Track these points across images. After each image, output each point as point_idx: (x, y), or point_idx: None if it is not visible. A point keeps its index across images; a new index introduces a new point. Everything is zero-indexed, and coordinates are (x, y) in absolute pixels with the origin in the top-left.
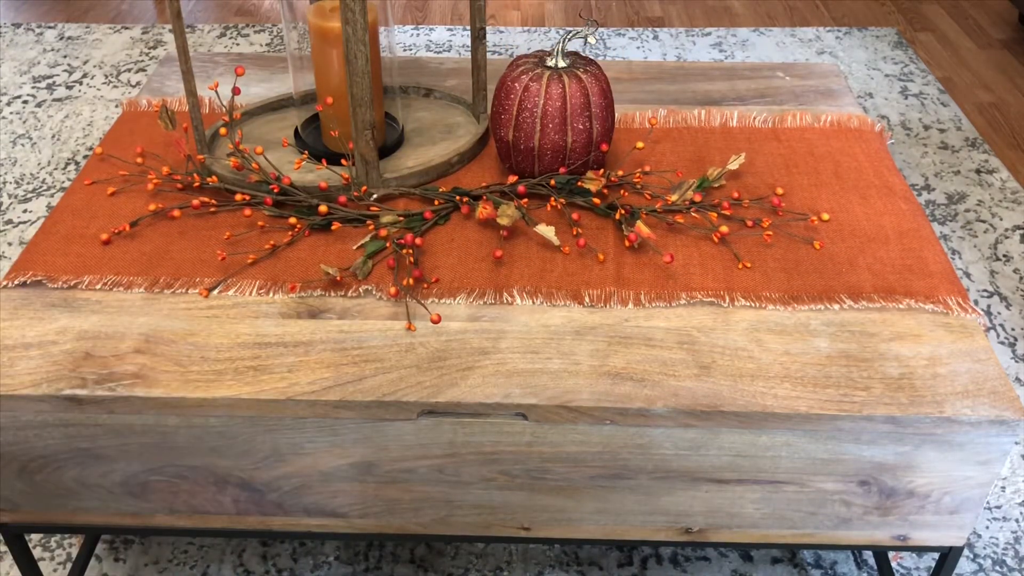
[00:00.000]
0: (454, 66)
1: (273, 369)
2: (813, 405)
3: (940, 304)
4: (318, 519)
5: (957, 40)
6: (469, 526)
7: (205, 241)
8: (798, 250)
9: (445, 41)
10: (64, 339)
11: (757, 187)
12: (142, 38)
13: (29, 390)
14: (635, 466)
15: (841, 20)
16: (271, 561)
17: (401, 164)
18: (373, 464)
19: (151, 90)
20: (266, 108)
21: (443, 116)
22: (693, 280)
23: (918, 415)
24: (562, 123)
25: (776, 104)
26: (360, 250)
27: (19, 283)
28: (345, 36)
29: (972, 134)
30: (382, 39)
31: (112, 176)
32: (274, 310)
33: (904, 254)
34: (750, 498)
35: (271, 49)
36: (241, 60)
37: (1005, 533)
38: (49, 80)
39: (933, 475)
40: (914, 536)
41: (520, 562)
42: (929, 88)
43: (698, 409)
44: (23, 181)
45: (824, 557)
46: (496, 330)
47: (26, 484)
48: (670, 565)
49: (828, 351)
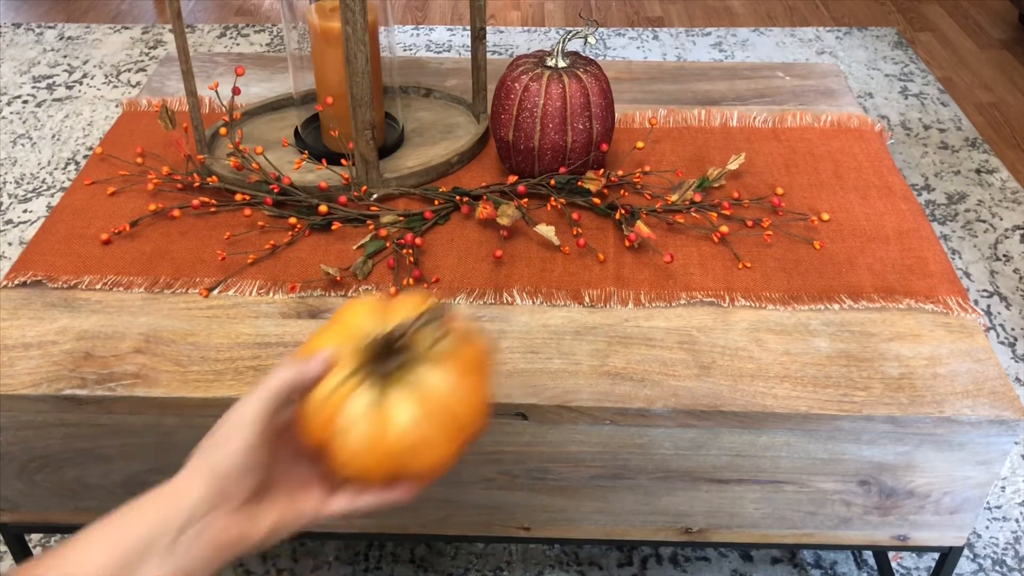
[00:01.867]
0: (454, 66)
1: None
2: (813, 405)
3: (940, 304)
4: None
5: (957, 40)
6: (469, 526)
7: (205, 241)
8: (798, 250)
9: (445, 41)
10: (64, 339)
11: (757, 187)
12: (142, 38)
13: (29, 390)
14: (635, 466)
15: (841, 20)
16: (271, 561)
17: (401, 164)
18: None
19: (151, 90)
20: (266, 108)
21: (443, 116)
22: (693, 280)
23: (918, 415)
24: (562, 123)
25: (776, 104)
26: (360, 250)
27: (19, 283)
28: (345, 36)
29: (972, 134)
30: (382, 39)
31: (112, 176)
32: (274, 310)
33: (904, 254)
34: (750, 498)
35: (271, 49)
36: (241, 60)
37: (1005, 533)
38: (49, 80)
39: (933, 475)
40: (914, 536)
41: (520, 562)
42: (929, 88)
43: (698, 409)
44: (23, 181)
45: (824, 557)
46: (496, 330)
47: (26, 484)
48: (670, 565)
49: (828, 351)
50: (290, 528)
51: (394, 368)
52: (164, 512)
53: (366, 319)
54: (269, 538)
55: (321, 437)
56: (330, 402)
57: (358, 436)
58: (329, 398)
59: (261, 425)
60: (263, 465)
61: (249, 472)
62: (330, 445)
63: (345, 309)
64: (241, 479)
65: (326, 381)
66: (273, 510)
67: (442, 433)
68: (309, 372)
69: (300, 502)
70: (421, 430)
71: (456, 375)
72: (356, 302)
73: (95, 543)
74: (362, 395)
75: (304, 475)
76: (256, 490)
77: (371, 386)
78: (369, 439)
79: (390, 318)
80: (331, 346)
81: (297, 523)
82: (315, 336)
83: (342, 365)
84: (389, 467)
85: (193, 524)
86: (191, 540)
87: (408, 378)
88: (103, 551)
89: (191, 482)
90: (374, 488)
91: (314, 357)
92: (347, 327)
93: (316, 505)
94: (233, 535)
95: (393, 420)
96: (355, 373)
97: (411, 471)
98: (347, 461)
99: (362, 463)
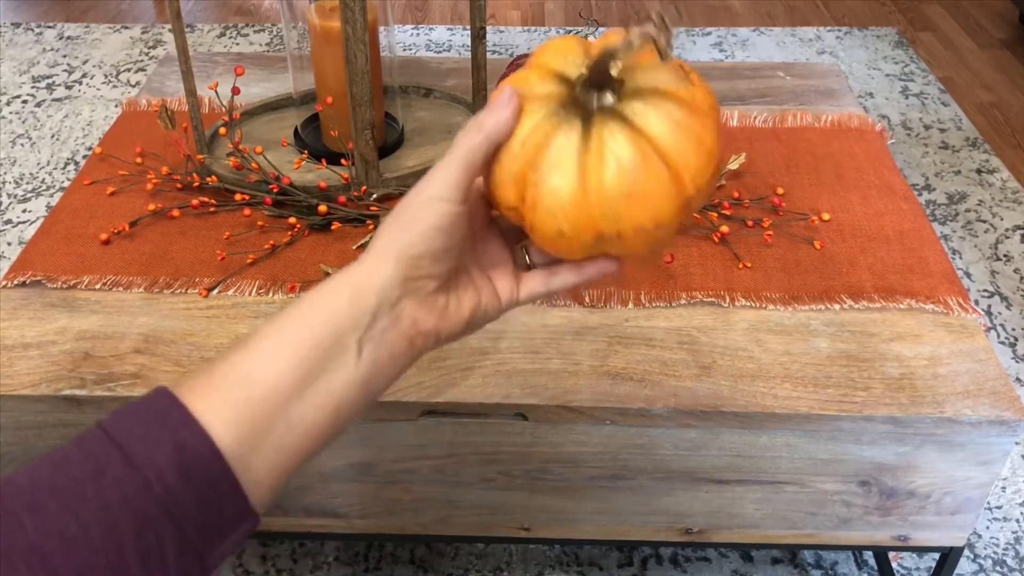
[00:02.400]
0: (454, 66)
1: None
2: (813, 405)
3: (940, 304)
4: (318, 519)
5: (958, 40)
6: (469, 526)
7: (204, 241)
8: (798, 250)
9: (445, 41)
10: (63, 339)
11: (757, 187)
12: (142, 38)
13: (29, 390)
14: (635, 466)
15: (841, 20)
16: (271, 562)
17: (401, 164)
18: (373, 464)
19: (151, 90)
20: (266, 108)
21: (443, 116)
22: (693, 280)
23: (918, 415)
24: None
25: (776, 104)
26: (360, 250)
27: (18, 283)
28: (345, 36)
29: (972, 134)
30: (382, 39)
31: (111, 176)
32: (274, 310)
33: (904, 254)
34: (750, 498)
35: (271, 49)
36: (241, 60)
37: (1005, 533)
38: (49, 80)
39: (933, 475)
40: (914, 536)
41: (520, 562)
42: (929, 88)
43: (698, 409)
44: (23, 181)
45: (824, 557)
46: (496, 330)
47: None
48: (670, 565)
49: (828, 351)
50: (489, 316)
51: (603, 105)
52: (352, 300)
53: (566, 58)
54: (467, 329)
55: (515, 195)
56: (525, 149)
57: (560, 183)
58: (524, 145)
59: (453, 203)
60: (457, 247)
61: (443, 255)
62: (526, 204)
63: (540, 51)
64: (434, 263)
65: (519, 128)
66: (468, 297)
67: (662, 184)
68: (500, 124)
69: (496, 284)
70: (639, 173)
71: (681, 115)
72: (552, 41)
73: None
74: (566, 134)
75: (494, 254)
76: (448, 277)
77: (575, 127)
78: (573, 186)
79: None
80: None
81: (495, 310)
82: (505, 84)
83: (538, 107)
84: (596, 223)
85: (385, 312)
86: (383, 331)
87: (621, 115)
88: (289, 348)
89: (379, 266)
90: (574, 259)
91: (498, 101)
92: (544, 68)
93: (511, 287)
94: (428, 327)
95: (604, 161)
96: (555, 113)
97: (622, 230)
98: (545, 218)
99: (564, 217)
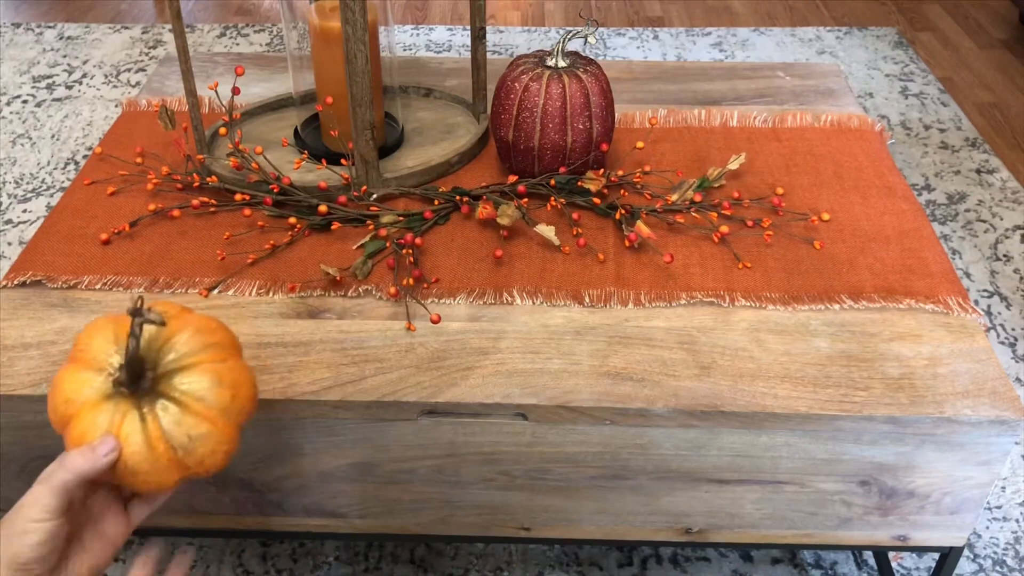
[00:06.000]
0: (454, 66)
1: (273, 369)
2: (813, 405)
3: (940, 304)
4: (318, 519)
5: (957, 40)
6: (469, 526)
7: (205, 241)
8: (798, 250)
9: (445, 41)
10: (64, 339)
11: (757, 187)
12: (142, 38)
13: (29, 390)
14: (635, 466)
15: (841, 20)
16: (271, 561)
17: (401, 164)
18: (373, 464)
19: (151, 90)
20: (266, 108)
21: (443, 116)
22: (693, 280)
23: (918, 415)
24: (562, 123)
25: (776, 104)
26: (360, 250)
27: (19, 283)
28: (345, 36)
29: (972, 134)
30: (382, 39)
31: (112, 176)
32: (274, 310)
33: (904, 254)
34: (750, 498)
35: (271, 49)
36: (241, 60)
37: (1005, 533)
38: (49, 80)
39: (933, 475)
40: (914, 536)
41: (520, 562)
42: (929, 88)
43: (698, 409)
44: (23, 181)
45: (824, 557)
46: (496, 330)
47: (26, 484)
48: (670, 565)
49: (828, 351)
50: (107, 563)
51: (149, 384)
52: None
53: (104, 342)
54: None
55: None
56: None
57: (141, 462)
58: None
59: (58, 516)
60: (61, 541)
61: (51, 552)
62: (121, 476)
63: (82, 336)
64: (42, 563)
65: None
66: (83, 561)
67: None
68: (99, 462)
69: (106, 532)
70: (194, 434)
71: (206, 371)
72: (90, 327)
73: None
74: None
75: (102, 501)
76: (60, 558)
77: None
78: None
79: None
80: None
81: (111, 555)
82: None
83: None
84: (182, 475)
85: None
86: None
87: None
88: None
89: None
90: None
91: (102, 444)
92: (89, 355)
93: (122, 526)
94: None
95: (166, 436)
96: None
97: (200, 471)
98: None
99: (156, 481)
